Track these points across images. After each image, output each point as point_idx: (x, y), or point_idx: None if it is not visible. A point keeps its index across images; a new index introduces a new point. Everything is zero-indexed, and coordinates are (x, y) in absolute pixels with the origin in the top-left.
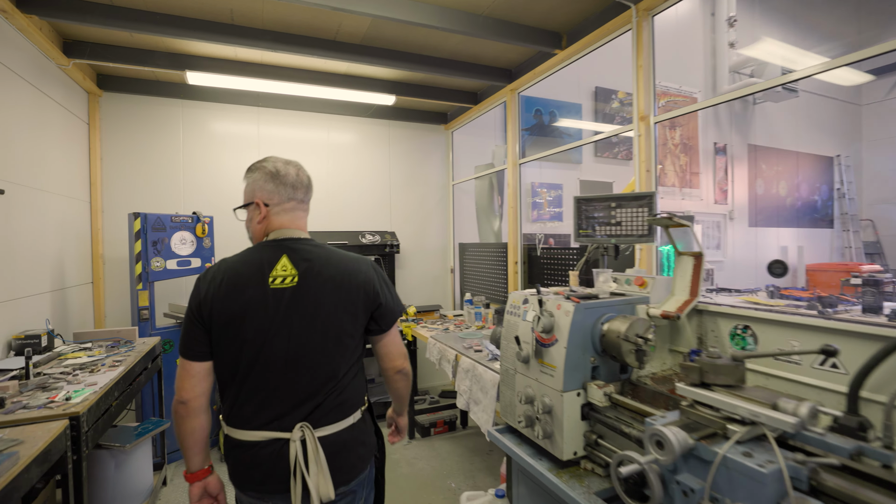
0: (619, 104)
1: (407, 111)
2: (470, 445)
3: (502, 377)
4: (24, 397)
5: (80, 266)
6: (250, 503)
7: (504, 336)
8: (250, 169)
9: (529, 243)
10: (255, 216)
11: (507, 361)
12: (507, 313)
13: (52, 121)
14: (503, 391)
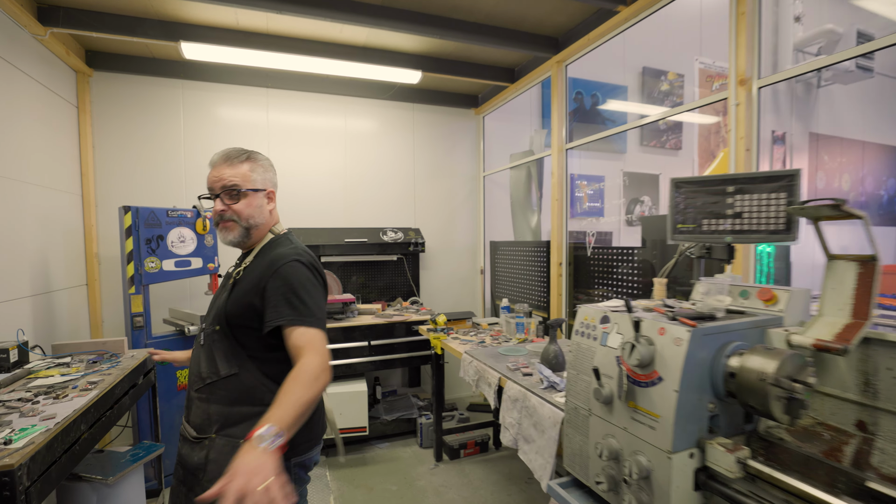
0: (669, 86)
1: (433, 93)
2: (505, 471)
3: (568, 416)
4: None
5: (72, 267)
6: (303, 462)
7: (572, 364)
8: (258, 158)
9: (575, 241)
10: (266, 205)
11: (577, 397)
12: (576, 333)
13: (27, 100)
14: (569, 434)
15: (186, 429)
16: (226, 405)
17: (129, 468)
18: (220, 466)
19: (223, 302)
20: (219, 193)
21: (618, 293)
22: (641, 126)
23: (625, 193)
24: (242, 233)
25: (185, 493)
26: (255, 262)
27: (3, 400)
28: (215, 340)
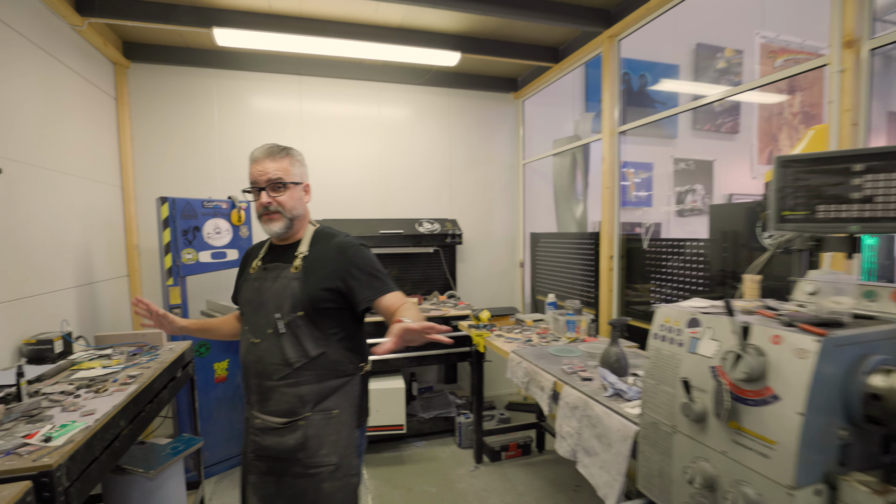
0: (726, 63)
1: (470, 77)
2: (550, 477)
3: (644, 431)
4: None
5: (113, 258)
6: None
7: (649, 372)
8: (295, 153)
9: (627, 233)
10: (304, 197)
11: (656, 411)
12: (654, 338)
13: (68, 92)
14: (645, 452)
15: (266, 420)
16: (316, 383)
17: (169, 462)
18: (320, 441)
19: (300, 289)
20: (263, 187)
21: (678, 290)
22: (702, 106)
23: (675, 182)
24: (286, 223)
25: (273, 483)
26: (316, 251)
27: (46, 392)
28: (299, 326)
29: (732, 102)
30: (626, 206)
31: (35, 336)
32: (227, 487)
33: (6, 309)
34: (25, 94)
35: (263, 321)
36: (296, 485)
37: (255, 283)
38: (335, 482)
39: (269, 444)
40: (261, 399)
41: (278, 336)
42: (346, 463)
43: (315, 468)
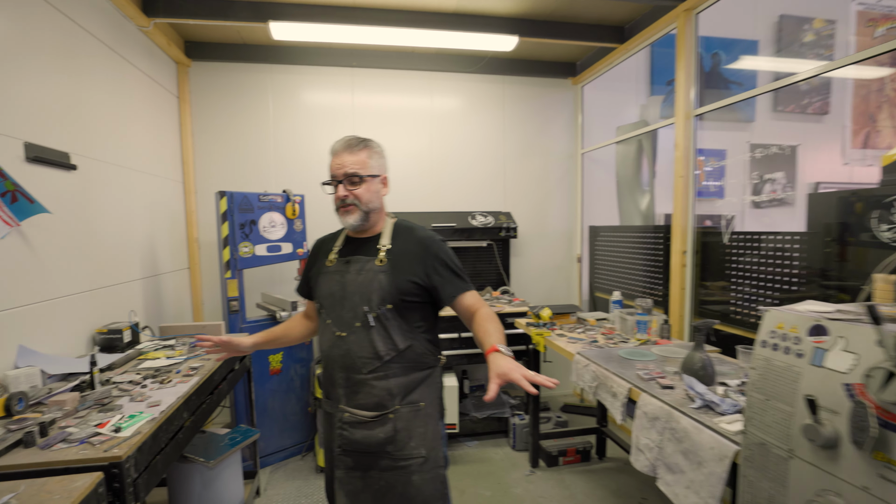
0: (814, 35)
1: (526, 63)
2: (612, 486)
3: (748, 453)
4: (74, 420)
5: (175, 251)
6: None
7: (756, 386)
8: (374, 145)
9: (702, 226)
10: (381, 190)
11: (765, 430)
12: (763, 346)
13: (136, 91)
14: (748, 476)
15: (355, 414)
16: (403, 375)
17: (228, 452)
18: (408, 433)
19: (388, 282)
20: (341, 180)
21: (762, 289)
22: (791, 84)
23: (751, 169)
24: (362, 216)
25: (360, 477)
26: (399, 244)
27: (116, 381)
28: (388, 318)
29: (822, 80)
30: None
31: (107, 326)
32: (282, 478)
33: (83, 299)
34: (98, 93)
35: (349, 314)
36: (384, 478)
37: (336, 275)
38: (424, 474)
39: (358, 437)
40: (348, 392)
41: (368, 329)
42: (434, 455)
43: (405, 461)
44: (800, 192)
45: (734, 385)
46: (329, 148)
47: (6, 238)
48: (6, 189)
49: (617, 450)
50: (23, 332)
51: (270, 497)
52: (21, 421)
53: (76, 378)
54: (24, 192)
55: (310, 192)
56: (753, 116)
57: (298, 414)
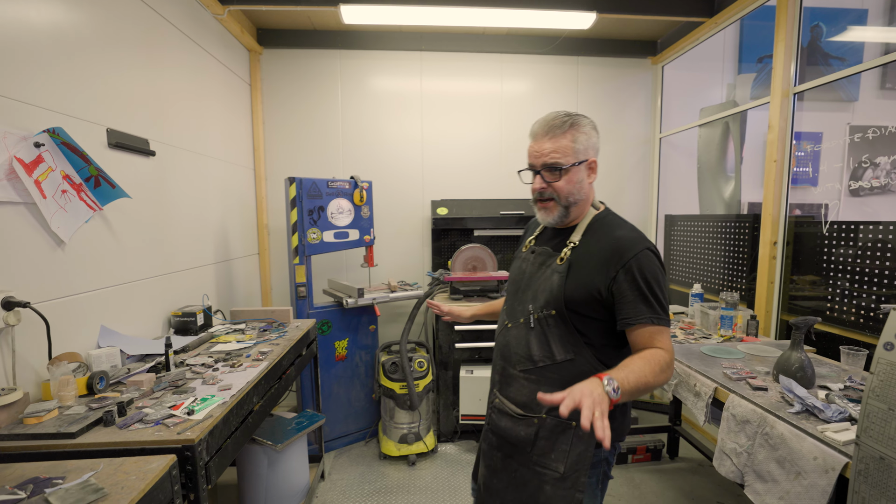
0: None
1: (602, 42)
2: (685, 489)
3: (863, 467)
4: (150, 401)
5: (246, 236)
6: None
7: (877, 394)
8: (581, 124)
9: (795, 216)
10: (586, 177)
11: (888, 445)
12: (886, 348)
13: (211, 79)
14: (862, 492)
15: (505, 403)
16: (558, 388)
17: (295, 436)
18: (550, 443)
19: (559, 286)
20: (539, 170)
21: (869, 284)
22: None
23: (850, 154)
24: (562, 213)
25: (500, 459)
26: (588, 243)
27: (189, 364)
28: (550, 325)
29: None
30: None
31: (181, 308)
32: (346, 463)
33: (160, 282)
34: (175, 81)
35: (519, 307)
36: (520, 471)
37: (522, 264)
38: (557, 489)
39: (502, 426)
40: (503, 381)
41: (528, 329)
42: (574, 476)
43: (541, 468)
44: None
45: (837, 389)
46: (530, 130)
47: (89, 222)
48: (90, 174)
49: (690, 450)
50: (104, 314)
51: (335, 481)
52: (102, 400)
53: (152, 359)
54: (106, 177)
55: (377, 179)
56: (857, 95)
57: (363, 400)
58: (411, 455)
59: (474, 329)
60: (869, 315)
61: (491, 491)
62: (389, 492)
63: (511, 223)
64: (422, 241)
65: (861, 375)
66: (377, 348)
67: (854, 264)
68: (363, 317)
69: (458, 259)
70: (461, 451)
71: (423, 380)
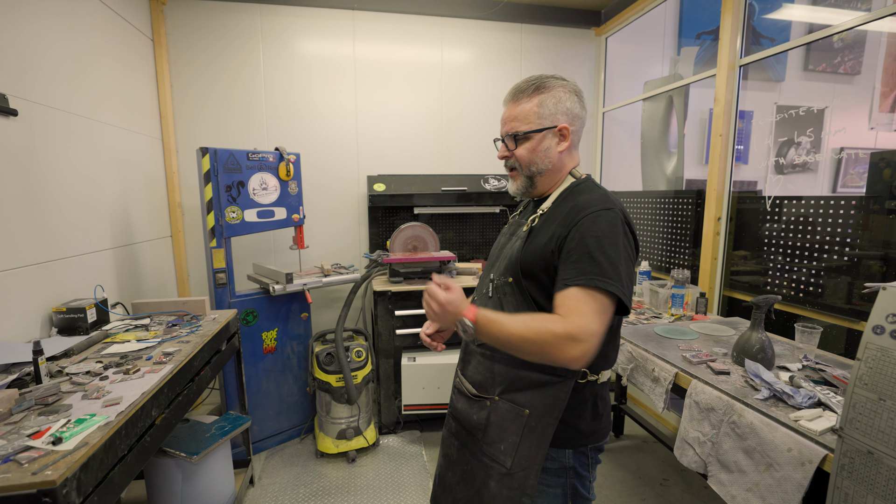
0: None
1: (546, 9)
2: (632, 467)
3: (845, 461)
4: (4, 428)
5: (155, 216)
6: (599, 447)
7: (864, 382)
8: (551, 86)
9: (742, 192)
10: (555, 145)
11: (877, 438)
12: (876, 332)
13: (99, 29)
14: (844, 488)
15: (464, 383)
16: (512, 367)
17: (214, 445)
18: (501, 430)
19: (517, 251)
20: (503, 138)
21: (803, 260)
22: (841, 33)
23: (776, 133)
24: (525, 182)
25: (457, 448)
26: (554, 209)
27: (70, 372)
28: (506, 294)
29: (857, 37)
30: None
31: (66, 303)
32: (278, 464)
33: (32, 273)
34: (50, 27)
35: (485, 279)
36: (470, 463)
37: (501, 238)
38: (502, 488)
39: (459, 407)
40: (464, 360)
41: (487, 299)
42: (521, 476)
43: (489, 459)
44: (825, 157)
45: (797, 370)
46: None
47: None
48: None
49: (635, 428)
50: None
51: (266, 486)
52: None
53: (19, 369)
54: None
55: (307, 151)
56: (783, 75)
57: (296, 395)
58: (351, 451)
59: (416, 314)
60: (800, 288)
61: (444, 485)
62: (327, 493)
63: (452, 200)
64: (357, 219)
65: (815, 353)
66: (310, 338)
67: (787, 238)
68: (293, 304)
69: (398, 239)
70: (405, 443)
71: (362, 370)
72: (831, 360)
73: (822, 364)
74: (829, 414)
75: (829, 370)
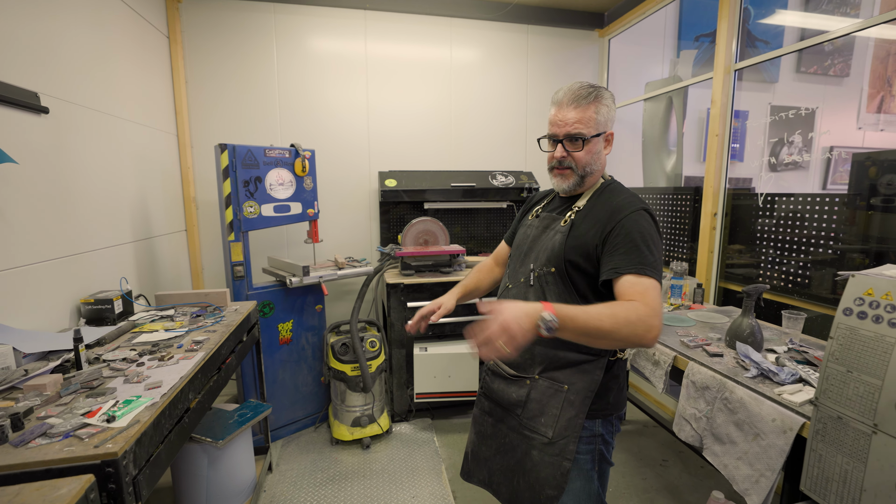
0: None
1: (552, 11)
2: (633, 449)
3: (820, 427)
4: (57, 409)
5: (171, 210)
6: (621, 415)
7: (835, 356)
8: (604, 96)
9: (733, 188)
10: (603, 149)
11: (846, 405)
12: (846, 314)
13: (118, 27)
14: (819, 450)
15: (499, 365)
16: (551, 348)
17: (238, 430)
18: (540, 406)
19: (560, 244)
20: (561, 139)
21: (794, 253)
22: (834, 40)
23: (771, 132)
24: (577, 181)
25: (491, 424)
26: (591, 207)
27: (107, 359)
28: (548, 283)
29: (847, 40)
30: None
31: (93, 295)
32: (295, 451)
33: (64, 265)
34: (72, 25)
35: (521, 269)
36: (509, 436)
37: (529, 230)
38: (544, 455)
39: (495, 388)
40: None
41: (528, 287)
42: (562, 444)
43: (530, 431)
44: (815, 156)
45: (782, 352)
46: (553, 97)
47: None
48: None
49: (636, 413)
50: None
51: (284, 472)
52: None
53: (58, 357)
54: None
55: (320, 148)
56: (777, 77)
57: (311, 384)
58: (365, 438)
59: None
60: (789, 279)
61: (479, 459)
62: (344, 478)
63: (461, 196)
64: (369, 214)
65: (800, 337)
66: (325, 329)
67: (778, 233)
68: (308, 296)
69: (409, 233)
70: (417, 430)
71: (376, 360)
72: (814, 344)
73: (805, 347)
74: (809, 388)
75: (812, 352)
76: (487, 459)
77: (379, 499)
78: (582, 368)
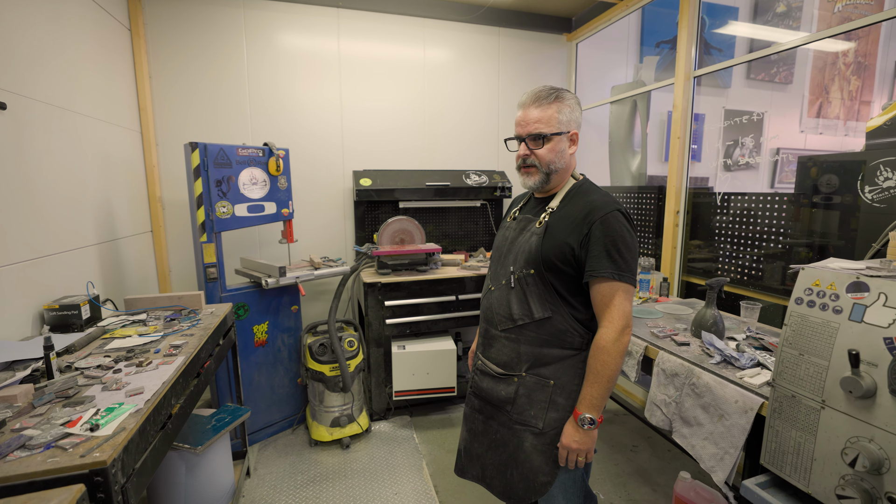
0: (785, 6)
1: (522, 15)
2: (605, 437)
3: (777, 405)
4: (32, 420)
5: (136, 211)
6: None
7: (790, 342)
8: (566, 97)
9: (697, 188)
10: (567, 148)
11: (797, 384)
12: (797, 302)
13: (76, 17)
14: (776, 427)
15: (487, 364)
16: (536, 346)
17: (217, 435)
18: (529, 400)
19: (537, 246)
20: (524, 138)
21: (748, 248)
22: (781, 52)
23: (725, 134)
24: (542, 178)
25: (482, 421)
26: (565, 207)
27: (80, 367)
28: (528, 284)
29: (790, 51)
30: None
31: (57, 300)
32: (273, 455)
33: (23, 270)
34: (28, 14)
35: (502, 271)
36: (500, 432)
37: (507, 232)
38: (536, 445)
39: (484, 386)
40: (485, 343)
41: (509, 289)
42: (552, 434)
43: (520, 425)
44: (765, 157)
45: (742, 339)
46: (518, 101)
47: None
48: None
49: (607, 402)
50: None
51: (263, 476)
52: None
53: (24, 366)
54: None
55: (292, 147)
56: (730, 83)
57: (287, 386)
58: (345, 438)
59: (405, 304)
60: (744, 272)
61: (471, 455)
62: (325, 479)
63: (436, 195)
64: (343, 213)
65: (756, 325)
66: (301, 330)
67: (733, 230)
68: (284, 297)
69: (385, 232)
70: (396, 428)
71: (354, 359)
72: (769, 331)
73: (761, 334)
74: (766, 371)
75: (767, 338)
76: (480, 455)
77: (361, 498)
78: (565, 363)
